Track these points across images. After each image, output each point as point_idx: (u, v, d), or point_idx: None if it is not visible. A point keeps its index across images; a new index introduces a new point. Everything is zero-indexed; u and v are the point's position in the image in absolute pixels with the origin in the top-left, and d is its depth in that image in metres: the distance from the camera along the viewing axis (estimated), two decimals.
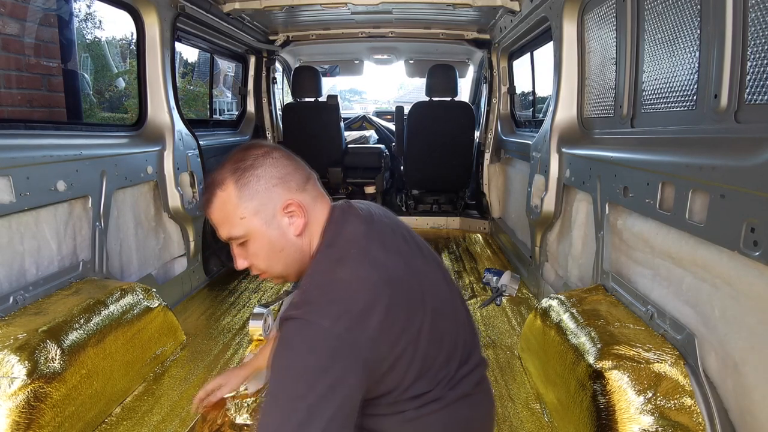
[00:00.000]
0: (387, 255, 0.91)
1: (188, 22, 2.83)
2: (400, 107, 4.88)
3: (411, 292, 0.91)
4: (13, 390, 1.33)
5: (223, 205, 0.91)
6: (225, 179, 0.91)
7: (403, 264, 0.94)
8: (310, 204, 0.95)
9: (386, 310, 0.84)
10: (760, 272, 1.07)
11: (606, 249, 1.85)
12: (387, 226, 1.00)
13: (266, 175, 0.91)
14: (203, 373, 2.00)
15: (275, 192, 0.91)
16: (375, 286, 0.85)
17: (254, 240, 0.93)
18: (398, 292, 0.87)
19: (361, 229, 0.94)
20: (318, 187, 0.99)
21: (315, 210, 0.95)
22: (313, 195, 0.96)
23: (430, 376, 0.93)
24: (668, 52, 1.57)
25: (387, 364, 0.86)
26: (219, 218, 0.93)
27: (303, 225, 0.93)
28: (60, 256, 1.90)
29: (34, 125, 2.02)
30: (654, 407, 1.26)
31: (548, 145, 2.44)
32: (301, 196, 0.93)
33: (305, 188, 0.95)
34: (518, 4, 2.90)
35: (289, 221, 0.92)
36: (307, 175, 0.97)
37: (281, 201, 0.91)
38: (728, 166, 1.16)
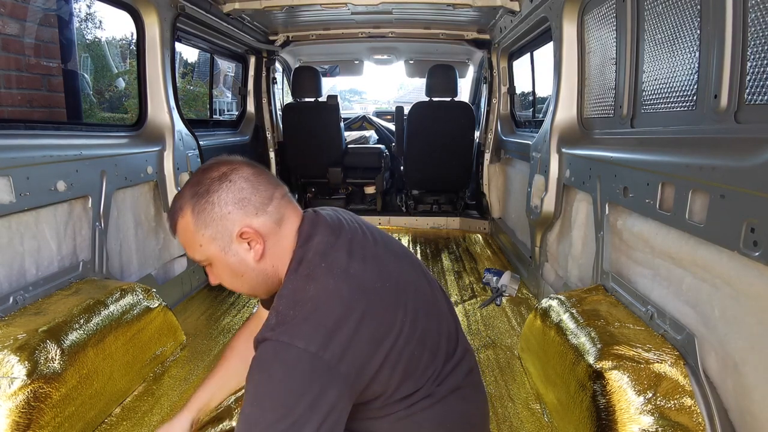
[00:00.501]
0: (358, 263, 0.91)
1: (188, 22, 2.82)
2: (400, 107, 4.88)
3: (386, 297, 0.90)
4: (13, 390, 1.33)
5: (184, 232, 0.92)
6: (184, 205, 0.91)
7: (376, 269, 0.93)
8: (271, 227, 0.92)
9: (361, 321, 0.84)
10: (760, 272, 1.07)
11: (606, 249, 1.85)
12: (356, 231, 0.99)
13: (220, 201, 0.89)
14: (203, 373, 2.00)
15: (230, 219, 0.89)
16: (347, 298, 0.85)
17: (215, 265, 0.94)
18: (372, 299, 0.87)
19: (329, 240, 0.92)
20: (283, 205, 0.95)
21: (279, 231, 0.93)
22: (277, 216, 0.93)
23: (417, 375, 0.93)
24: (668, 52, 1.57)
25: (370, 373, 0.85)
26: (182, 242, 0.94)
27: (261, 251, 0.92)
28: (60, 256, 1.90)
29: (34, 125, 2.02)
30: (654, 407, 1.26)
31: (548, 145, 2.44)
32: (260, 220, 0.91)
33: (266, 210, 0.91)
34: (518, 4, 2.90)
35: (248, 247, 0.91)
36: (269, 195, 0.92)
37: (236, 228, 0.89)
38: (728, 166, 1.16)
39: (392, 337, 0.88)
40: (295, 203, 0.99)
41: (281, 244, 0.93)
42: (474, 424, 1.08)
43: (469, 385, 1.05)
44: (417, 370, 0.93)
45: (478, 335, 2.33)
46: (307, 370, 0.78)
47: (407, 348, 0.90)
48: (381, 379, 0.88)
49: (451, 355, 1.01)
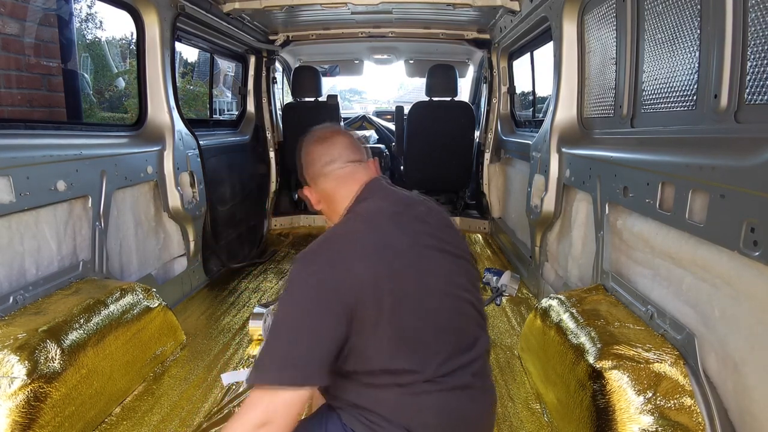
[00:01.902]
0: (393, 226, 1.02)
1: (188, 22, 2.82)
2: (400, 107, 4.87)
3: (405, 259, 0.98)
4: (13, 390, 1.33)
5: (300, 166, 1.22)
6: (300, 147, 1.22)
7: (409, 237, 1.01)
8: (328, 189, 1.14)
9: (374, 265, 0.93)
10: (760, 272, 1.07)
11: (606, 249, 1.85)
12: (408, 207, 1.09)
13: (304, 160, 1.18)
14: (203, 373, 2.00)
15: (306, 172, 1.17)
16: (364, 242, 0.97)
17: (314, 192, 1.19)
18: (389, 254, 0.96)
19: (378, 204, 1.07)
20: (344, 169, 1.13)
21: (337, 189, 1.13)
22: (337, 176, 1.13)
23: (419, 353, 0.96)
24: (668, 52, 1.57)
25: (367, 313, 0.91)
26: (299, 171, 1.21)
27: (318, 201, 1.17)
28: (60, 256, 1.90)
29: (34, 125, 2.02)
30: (654, 407, 1.26)
31: (548, 145, 2.44)
32: (320, 180, 1.15)
33: (325, 176, 1.14)
34: (518, 4, 2.90)
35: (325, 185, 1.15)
36: (331, 158, 1.14)
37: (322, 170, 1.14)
38: (728, 166, 1.16)
39: (397, 295, 0.94)
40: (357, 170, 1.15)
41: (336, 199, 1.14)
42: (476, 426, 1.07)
43: (479, 388, 1.05)
44: (419, 346, 0.96)
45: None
46: (316, 287, 0.91)
47: (410, 315, 0.95)
48: (378, 332, 0.92)
49: (465, 351, 1.02)
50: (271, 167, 4.41)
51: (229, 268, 3.28)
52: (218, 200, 3.33)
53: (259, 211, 4.23)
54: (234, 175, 3.66)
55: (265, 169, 4.37)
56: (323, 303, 0.90)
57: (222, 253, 3.27)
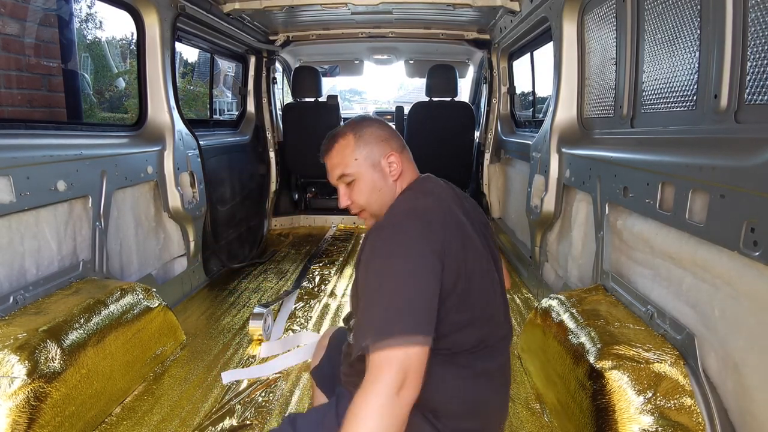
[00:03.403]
0: (458, 210, 1.09)
1: (188, 22, 2.82)
2: (400, 107, 4.87)
3: (472, 242, 1.04)
4: (13, 390, 1.33)
5: (342, 150, 1.15)
6: (346, 132, 1.16)
7: (470, 224, 1.08)
8: (404, 162, 1.19)
9: (456, 236, 0.99)
10: (760, 272, 1.07)
11: (606, 249, 1.85)
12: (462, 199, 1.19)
13: (376, 133, 1.17)
14: (203, 373, 2.00)
15: (381, 146, 1.16)
16: (445, 215, 1.03)
17: (360, 179, 1.15)
18: (462, 232, 1.02)
19: (439, 188, 1.16)
20: (410, 157, 1.23)
21: (407, 168, 1.19)
22: (407, 158, 1.21)
23: (466, 332, 1.00)
24: (668, 53, 1.57)
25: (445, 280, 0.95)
26: (336, 161, 1.16)
27: (399, 172, 1.17)
28: (60, 255, 1.90)
29: (34, 125, 2.02)
30: (654, 407, 1.26)
31: (548, 145, 2.44)
32: (399, 156, 1.18)
33: (402, 152, 1.20)
34: (518, 4, 2.90)
35: (389, 169, 1.16)
36: (403, 145, 1.21)
37: (385, 152, 1.16)
38: (728, 166, 1.16)
39: (469, 268, 0.99)
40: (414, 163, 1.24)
41: (406, 177, 1.19)
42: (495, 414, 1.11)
43: (502, 383, 1.11)
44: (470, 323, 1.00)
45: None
46: (420, 250, 0.93)
47: (475, 292, 1.00)
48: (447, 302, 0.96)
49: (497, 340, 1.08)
50: (271, 167, 4.41)
51: (229, 268, 3.28)
52: (218, 200, 3.33)
53: (259, 211, 4.23)
54: (234, 175, 3.66)
55: (265, 169, 4.37)
56: (423, 260, 0.92)
57: (222, 253, 3.27)
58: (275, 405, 1.79)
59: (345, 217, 4.64)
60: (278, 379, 1.96)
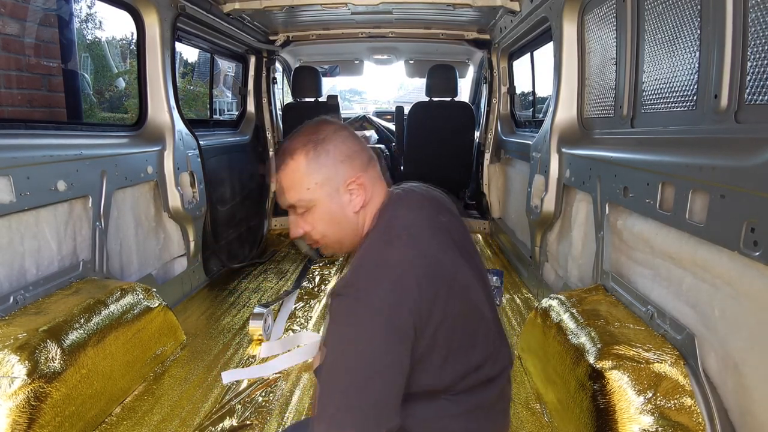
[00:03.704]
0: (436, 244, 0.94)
1: (188, 22, 2.82)
2: (400, 107, 4.87)
3: (455, 287, 0.92)
4: (13, 390, 1.33)
5: (293, 173, 0.95)
6: (297, 150, 0.95)
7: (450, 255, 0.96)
8: (370, 185, 0.98)
9: (432, 296, 0.87)
10: (760, 272, 1.07)
11: (606, 249, 1.85)
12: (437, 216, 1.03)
13: (335, 150, 0.95)
14: (203, 373, 2.00)
15: (341, 168, 0.95)
16: (422, 274, 0.87)
17: (315, 210, 0.97)
18: (442, 281, 0.90)
19: (414, 214, 0.98)
20: (378, 171, 1.02)
21: (374, 191, 0.99)
22: (374, 176, 1.00)
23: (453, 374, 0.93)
24: (668, 53, 1.57)
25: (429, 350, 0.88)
26: (287, 184, 0.97)
27: (362, 203, 0.97)
28: (60, 255, 1.90)
29: (34, 125, 2.02)
30: (654, 407, 1.26)
31: (548, 145, 2.44)
32: (365, 176, 0.98)
33: (367, 170, 0.99)
34: (518, 4, 2.90)
35: (350, 198, 0.97)
36: (370, 157, 1.01)
37: (345, 177, 0.96)
38: (728, 166, 1.16)
39: (448, 322, 0.89)
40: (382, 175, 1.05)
41: (373, 203, 0.99)
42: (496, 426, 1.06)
43: (501, 411, 1.03)
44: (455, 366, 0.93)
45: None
46: (381, 329, 0.82)
47: (461, 343, 0.92)
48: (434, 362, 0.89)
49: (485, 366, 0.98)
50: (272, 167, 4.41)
51: (229, 268, 3.28)
52: (218, 200, 3.33)
53: (259, 211, 4.23)
54: (234, 175, 3.66)
55: (265, 169, 4.37)
56: (393, 337, 0.82)
57: (222, 253, 3.27)
58: (275, 405, 1.79)
59: None
60: (278, 379, 1.96)
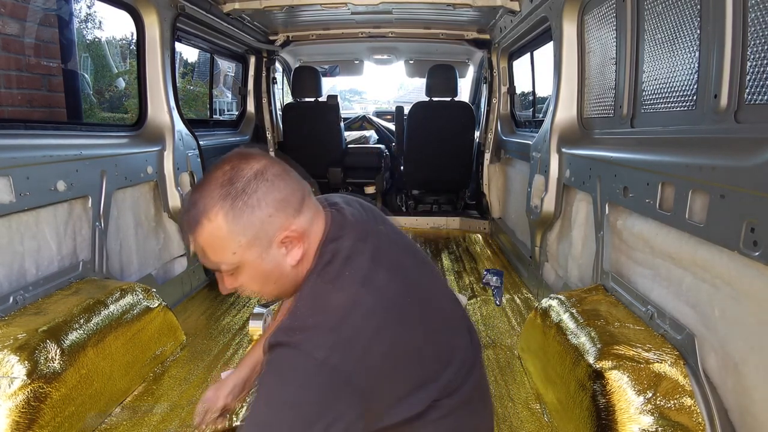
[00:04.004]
0: (384, 273, 0.86)
1: (188, 22, 2.82)
2: (400, 107, 4.88)
3: (410, 313, 0.86)
4: (13, 390, 1.33)
5: (211, 237, 0.80)
6: (213, 207, 0.78)
7: (402, 282, 0.89)
8: (308, 227, 0.85)
9: (383, 336, 0.80)
10: (760, 272, 1.07)
11: (606, 249, 1.85)
12: (382, 235, 0.94)
13: (262, 203, 0.79)
14: (203, 373, 2.00)
15: (272, 222, 0.80)
16: (370, 311, 0.80)
17: (245, 272, 0.84)
18: (396, 315, 0.83)
19: (355, 245, 0.87)
20: (313, 202, 0.89)
21: (311, 231, 0.87)
22: (310, 215, 0.86)
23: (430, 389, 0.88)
24: (668, 52, 1.57)
25: (387, 389, 0.82)
26: (206, 247, 0.82)
27: (301, 254, 0.85)
28: (60, 256, 1.90)
29: (34, 125, 2.02)
30: (654, 407, 1.26)
31: (548, 145, 2.44)
32: (299, 221, 0.83)
33: (302, 210, 0.84)
34: (518, 4, 2.90)
35: (286, 251, 0.84)
36: (303, 193, 0.85)
37: (278, 232, 0.82)
38: (728, 166, 1.16)
39: (413, 355, 0.84)
40: (317, 201, 0.93)
41: (313, 243, 0.87)
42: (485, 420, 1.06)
43: (479, 399, 1.01)
44: (432, 385, 0.88)
45: (478, 335, 2.33)
46: (327, 383, 0.74)
47: (425, 364, 0.87)
48: (393, 394, 0.84)
49: (462, 366, 0.95)
50: None
51: None
52: None
53: None
54: None
55: None
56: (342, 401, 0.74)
57: None
58: None
59: None
60: None
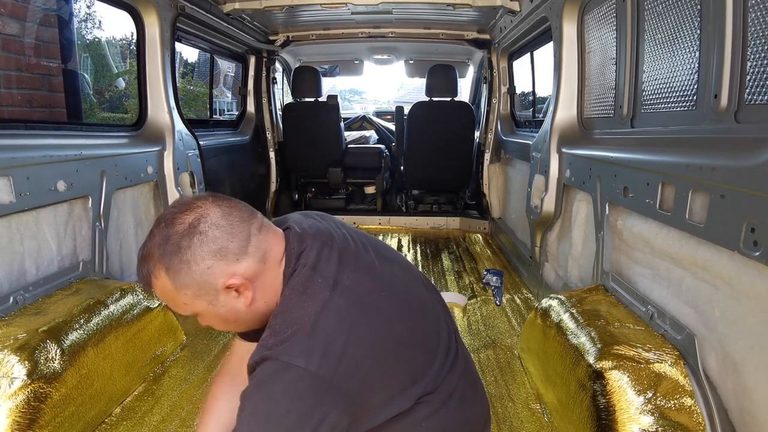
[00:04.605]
0: (351, 273, 0.89)
1: (188, 22, 2.82)
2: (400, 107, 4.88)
3: (384, 307, 0.89)
4: (13, 390, 1.33)
5: (163, 292, 0.86)
6: (155, 267, 0.84)
7: (370, 278, 0.91)
8: (256, 267, 0.87)
9: (360, 335, 0.82)
10: (760, 272, 1.07)
11: (606, 249, 1.85)
12: (345, 239, 0.96)
13: (195, 258, 0.82)
14: (203, 373, 2.00)
15: (211, 273, 0.83)
16: (344, 312, 0.83)
17: (204, 317, 0.90)
18: (370, 311, 0.86)
19: (319, 253, 0.90)
20: (262, 239, 0.89)
21: (265, 267, 0.89)
22: (259, 255, 0.87)
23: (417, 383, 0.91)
24: (668, 52, 1.57)
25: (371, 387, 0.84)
26: (163, 299, 0.88)
27: (251, 297, 0.88)
28: (60, 256, 1.90)
29: (34, 125, 2.02)
30: (654, 407, 1.26)
31: (548, 145, 2.44)
32: (243, 265, 0.86)
33: (247, 251, 0.86)
34: (518, 4, 2.90)
35: (237, 295, 0.87)
36: (246, 236, 0.86)
37: (221, 280, 0.84)
38: (728, 166, 1.16)
39: (392, 349, 0.86)
40: (273, 227, 0.95)
41: (270, 277, 0.89)
42: (476, 426, 1.06)
43: (467, 386, 1.03)
44: (417, 378, 0.91)
45: (478, 335, 2.33)
46: (309, 389, 0.77)
47: (406, 357, 0.89)
48: (381, 391, 0.86)
49: (446, 357, 0.98)
50: (271, 167, 4.41)
51: None
52: None
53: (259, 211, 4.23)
54: (234, 176, 3.66)
55: (265, 170, 4.37)
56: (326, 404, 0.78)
57: None
58: None
59: (345, 217, 4.64)
60: None
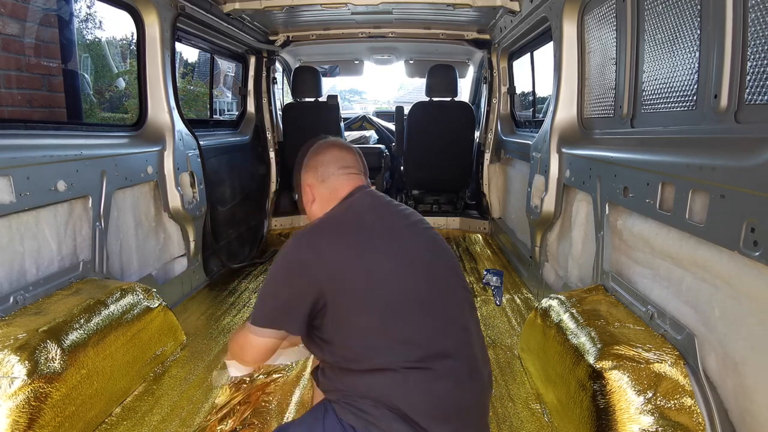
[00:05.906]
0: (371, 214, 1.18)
1: (188, 22, 2.82)
2: (400, 107, 4.87)
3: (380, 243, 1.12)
4: (13, 390, 1.33)
5: None
6: None
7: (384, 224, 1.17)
8: (323, 189, 1.27)
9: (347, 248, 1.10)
10: (760, 272, 1.07)
11: (606, 249, 1.85)
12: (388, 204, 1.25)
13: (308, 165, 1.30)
14: (203, 373, 2.00)
15: (306, 176, 1.30)
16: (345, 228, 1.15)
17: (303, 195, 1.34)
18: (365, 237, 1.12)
19: (361, 199, 1.22)
20: (341, 178, 1.26)
21: (330, 194, 1.26)
22: (332, 186, 1.27)
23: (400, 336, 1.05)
24: (668, 52, 1.57)
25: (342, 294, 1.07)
26: None
27: (312, 201, 1.29)
28: (60, 256, 1.90)
29: (34, 125, 2.02)
30: (654, 407, 1.26)
31: (548, 145, 2.44)
32: (319, 184, 1.27)
33: (325, 180, 1.27)
34: (518, 4, 2.90)
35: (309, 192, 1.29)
36: (332, 173, 1.27)
37: (307, 182, 1.30)
38: (728, 166, 1.16)
39: (373, 275, 1.07)
40: (355, 179, 1.28)
41: (327, 198, 1.26)
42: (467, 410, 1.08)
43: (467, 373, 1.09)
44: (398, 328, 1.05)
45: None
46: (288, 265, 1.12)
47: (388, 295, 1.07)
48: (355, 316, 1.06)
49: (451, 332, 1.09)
50: (271, 167, 4.41)
51: (229, 268, 3.28)
52: (218, 200, 3.33)
53: (259, 212, 4.23)
54: (234, 176, 3.66)
55: (265, 170, 4.37)
56: (293, 279, 1.10)
57: (222, 253, 3.27)
58: (275, 405, 1.79)
59: None
60: (278, 379, 1.96)
